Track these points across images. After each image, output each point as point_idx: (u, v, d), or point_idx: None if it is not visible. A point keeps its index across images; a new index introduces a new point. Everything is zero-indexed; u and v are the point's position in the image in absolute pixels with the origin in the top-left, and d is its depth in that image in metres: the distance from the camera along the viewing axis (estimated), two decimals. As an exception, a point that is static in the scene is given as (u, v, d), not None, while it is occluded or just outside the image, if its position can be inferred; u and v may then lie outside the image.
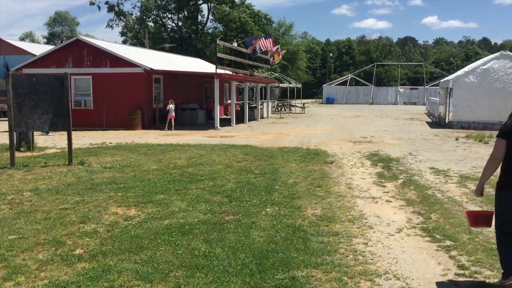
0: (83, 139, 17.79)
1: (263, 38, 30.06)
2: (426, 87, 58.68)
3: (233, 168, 10.92)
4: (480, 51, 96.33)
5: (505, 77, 22.26)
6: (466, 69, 24.86)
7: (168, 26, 64.31)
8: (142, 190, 8.53)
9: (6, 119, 13.31)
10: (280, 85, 43.60)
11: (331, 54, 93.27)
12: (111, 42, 30.08)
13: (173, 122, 22.18)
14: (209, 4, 62.09)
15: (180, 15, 63.41)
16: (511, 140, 4.27)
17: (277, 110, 38.25)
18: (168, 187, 8.79)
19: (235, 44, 33.30)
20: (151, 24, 63.39)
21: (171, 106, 22.18)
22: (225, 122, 25.24)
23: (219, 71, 24.43)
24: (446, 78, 28.91)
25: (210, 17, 63.70)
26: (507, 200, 4.32)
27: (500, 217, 4.44)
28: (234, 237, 5.84)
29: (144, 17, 61.39)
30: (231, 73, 27.07)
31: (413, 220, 6.77)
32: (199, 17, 64.10)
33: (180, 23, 63.78)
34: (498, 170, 4.47)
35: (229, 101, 31.62)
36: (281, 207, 7.35)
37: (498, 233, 4.52)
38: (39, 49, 36.34)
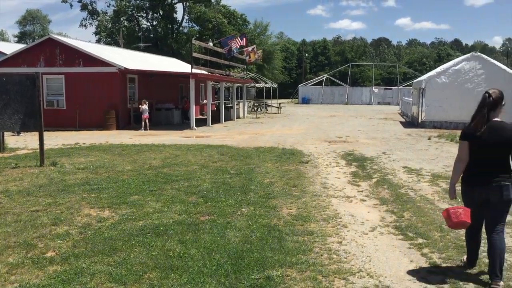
0: (55, 139, 17.47)
1: (238, 38, 30.04)
2: (400, 87, 59.62)
3: (209, 168, 10.88)
4: (452, 52, 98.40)
5: (476, 78, 22.78)
6: (438, 69, 25.35)
7: (143, 25, 63.65)
8: (116, 191, 8.43)
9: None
10: (256, 85, 43.66)
11: (306, 54, 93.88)
12: (84, 41, 29.61)
13: (147, 122, 21.96)
14: (184, 3, 61.70)
15: (155, 15, 62.80)
16: (472, 142, 4.60)
17: (253, 110, 38.30)
18: (142, 188, 8.70)
19: (211, 44, 33.14)
20: (125, 23, 62.55)
21: (144, 106, 21.96)
22: (201, 122, 25.14)
23: (195, 71, 24.30)
24: (418, 79, 29.40)
25: (186, 16, 63.35)
26: (469, 191, 4.71)
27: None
28: (209, 237, 5.83)
29: (119, 16, 60.54)
30: (206, 73, 26.98)
31: (387, 219, 6.87)
32: (175, 16, 63.66)
33: (155, 23, 63.19)
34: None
35: (205, 101, 31.51)
36: (257, 207, 7.36)
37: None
38: (10, 48, 35.46)
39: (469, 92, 22.53)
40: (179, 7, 63.57)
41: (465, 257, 5.05)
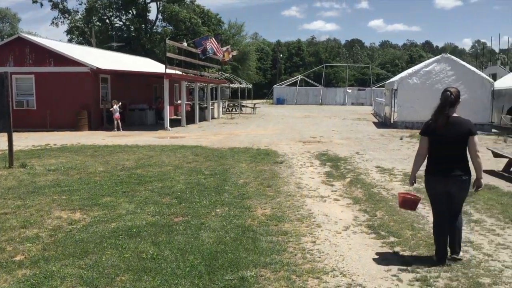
0: (25, 140, 17.08)
1: (213, 38, 29.95)
2: (373, 88, 60.45)
3: (183, 169, 10.81)
4: (423, 53, 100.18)
5: (446, 79, 23.24)
6: (409, 70, 25.79)
7: (116, 24, 62.78)
8: (88, 192, 8.29)
9: None
10: (231, 85, 43.62)
11: (281, 55, 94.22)
12: (55, 40, 29.06)
13: (119, 123, 21.66)
14: (158, 3, 61.15)
15: (128, 14, 62.03)
16: (433, 137, 5.05)
17: (228, 110, 38.24)
18: (115, 189, 8.58)
19: (185, 44, 32.88)
20: (97, 22, 61.57)
21: (115, 106, 21.66)
22: (175, 123, 24.96)
23: (169, 71, 24.11)
24: (391, 80, 29.86)
25: (159, 16, 62.77)
26: (432, 181, 5.13)
27: (430, 199, 5.30)
28: (183, 238, 5.79)
29: (90, 15, 59.54)
30: (181, 73, 26.80)
31: (360, 218, 6.95)
32: (148, 16, 63.04)
33: (128, 22, 62.39)
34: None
35: (179, 102, 31.29)
36: (231, 208, 7.35)
37: (434, 215, 5.28)
38: (-22, 46, 34.48)
39: (439, 93, 22.59)
40: (153, 6, 63.01)
41: (428, 254, 5.37)
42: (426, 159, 5.22)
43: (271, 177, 9.98)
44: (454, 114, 5.07)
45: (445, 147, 4.99)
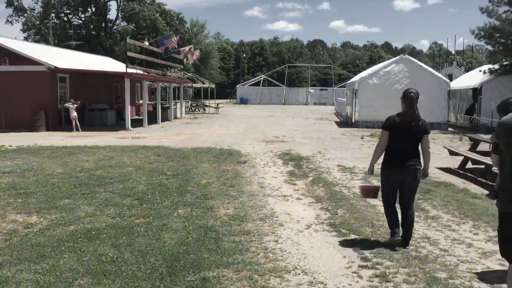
0: (-22, 142, 16.43)
1: (174, 38, 29.66)
2: (335, 88, 61.27)
3: (145, 170, 10.66)
4: (383, 54, 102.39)
5: (405, 80, 23.84)
6: (369, 71, 26.31)
7: (75, 22, 61.17)
8: (45, 195, 8.05)
9: None
10: (194, 85, 43.31)
11: (244, 55, 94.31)
12: (11, 38, 28.07)
13: (77, 123, 21.09)
14: (118, 1, 60.01)
15: (87, 12, 60.57)
16: (392, 132, 5.56)
17: (191, 110, 37.96)
18: (74, 191, 8.37)
19: (147, 43, 32.47)
20: (55, 20, 59.82)
21: (71, 106, 21.11)
22: (137, 123, 24.57)
23: (130, 70, 23.71)
24: (352, 80, 30.35)
25: (120, 14, 61.57)
26: (390, 172, 5.63)
27: (384, 189, 5.77)
28: (144, 240, 5.70)
29: (47, 12, 57.78)
30: (142, 72, 26.40)
31: (321, 216, 7.03)
32: (108, 14, 61.78)
33: (87, 20, 60.92)
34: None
35: (141, 101, 30.83)
36: (194, 208, 7.30)
37: (384, 202, 5.79)
38: None
39: (398, 92, 23.07)
40: (113, 4, 61.83)
41: (386, 237, 5.89)
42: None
43: (234, 177, 9.97)
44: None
45: (404, 141, 5.51)
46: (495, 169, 5.20)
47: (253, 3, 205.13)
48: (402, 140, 5.52)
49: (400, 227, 5.64)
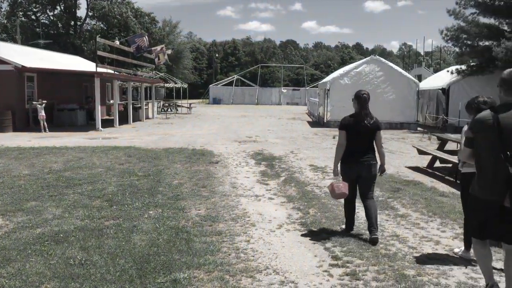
0: None
1: (146, 37, 29.34)
2: (307, 88, 61.63)
3: (115, 171, 10.50)
4: (355, 55, 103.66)
5: (375, 80, 24.18)
6: (341, 71, 26.57)
7: (43, 20, 59.75)
8: (11, 197, 7.84)
9: None
10: (166, 85, 42.94)
11: (217, 55, 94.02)
12: (-25, 35, 27.24)
13: (45, 123, 20.59)
14: (87, -2, 58.86)
15: (55, 10, 59.23)
16: (350, 131, 5.92)
17: (163, 110, 37.61)
18: (41, 193, 8.18)
19: (117, 42, 32.01)
20: (22, 18, 58.25)
21: (39, 106, 20.62)
22: (108, 123, 24.20)
23: (100, 69, 23.35)
24: (323, 80, 30.62)
25: (89, 13, 60.45)
26: (348, 168, 6.02)
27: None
28: (114, 242, 5.61)
29: (14, 11, 56.23)
30: (113, 72, 26.03)
31: (293, 216, 7.06)
32: (77, 12, 60.54)
33: (55, 18, 59.57)
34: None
35: (112, 101, 30.36)
36: (165, 209, 7.23)
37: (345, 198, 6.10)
38: None
39: (369, 93, 23.85)
40: (83, 2, 60.69)
41: (343, 226, 6.33)
42: None
43: (206, 177, 9.92)
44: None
45: (359, 139, 5.93)
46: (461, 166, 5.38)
47: (225, 3, 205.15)
48: (357, 138, 5.91)
49: (353, 223, 6.25)
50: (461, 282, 4.67)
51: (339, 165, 6.09)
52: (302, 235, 6.13)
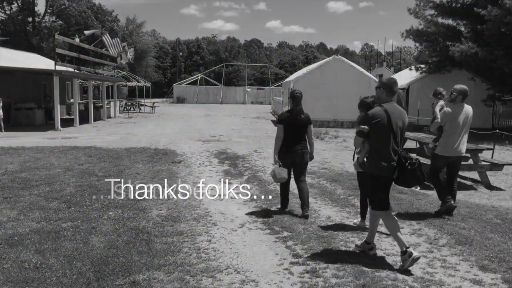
0: None
1: (107, 34, 28.77)
2: (272, 87, 61.84)
3: (74, 171, 10.25)
4: (318, 54, 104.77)
5: (337, 79, 24.53)
6: (304, 70, 26.85)
7: (-1, 17, 57.70)
8: (-38, 200, 7.53)
9: None
10: (128, 84, 42.29)
11: (181, 54, 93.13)
12: None
13: (1, 123, 19.88)
14: (46, -6, 57.24)
15: (12, 5, 57.27)
16: (287, 124, 6.97)
17: (125, 109, 37.01)
18: (-5, 195, 7.89)
19: (77, 40, 31.16)
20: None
21: None
22: (68, 123, 23.60)
23: (59, 68, 22.71)
24: (288, 79, 30.83)
25: (48, 10, 58.77)
26: (285, 156, 6.99)
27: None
28: (71, 245, 5.47)
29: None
30: (73, 70, 25.36)
31: (255, 215, 7.06)
32: (36, 9, 58.75)
33: (12, 15, 57.60)
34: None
35: (72, 100, 29.61)
36: (125, 210, 7.10)
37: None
38: None
39: (331, 92, 24.22)
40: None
41: (279, 205, 7.35)
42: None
43: (168, 177, 9.80)
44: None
45: (293, 131, 6.95)
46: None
47: (189, 1, 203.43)
48: (291, 131, 6.95)
49: (287, 202, 7.34)
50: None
51: (277, 154, 6.99)
52: (264, 234, 6.15)
